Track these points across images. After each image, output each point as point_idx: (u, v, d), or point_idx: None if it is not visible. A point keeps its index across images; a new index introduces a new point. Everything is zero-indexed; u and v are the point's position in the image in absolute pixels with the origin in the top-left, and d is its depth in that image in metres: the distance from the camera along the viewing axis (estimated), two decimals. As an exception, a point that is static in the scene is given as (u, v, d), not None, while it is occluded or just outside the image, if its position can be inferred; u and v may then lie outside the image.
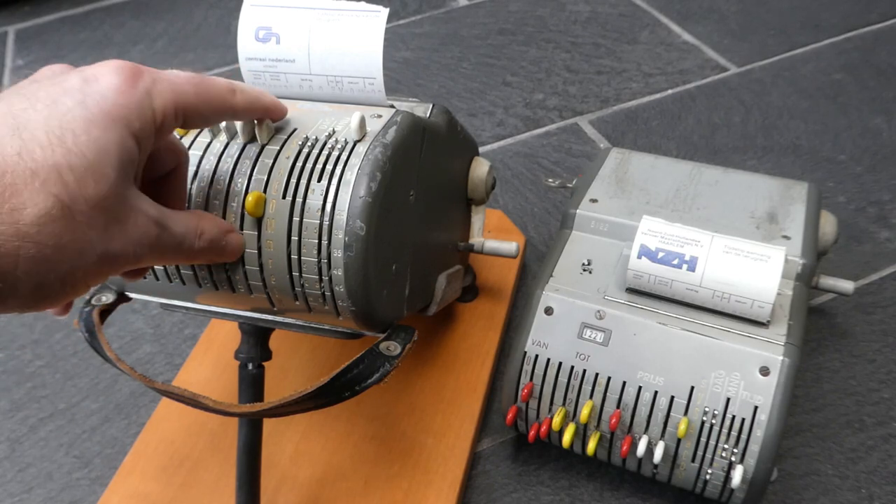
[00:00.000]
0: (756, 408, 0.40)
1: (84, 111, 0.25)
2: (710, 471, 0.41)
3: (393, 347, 0.37)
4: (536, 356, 0.44)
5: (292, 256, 0.35)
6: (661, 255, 0.43)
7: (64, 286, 0.26)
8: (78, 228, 0.25)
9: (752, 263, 0.41)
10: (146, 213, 0.28)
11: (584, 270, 0.46)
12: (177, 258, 0.31)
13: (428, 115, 0.42)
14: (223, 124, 0.37)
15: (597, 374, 0.43)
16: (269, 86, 0.42)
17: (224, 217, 0.36)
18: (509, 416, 0.45)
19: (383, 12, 0.39)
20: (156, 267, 0.38)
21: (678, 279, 0.42)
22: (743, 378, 0.40)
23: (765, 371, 0.40)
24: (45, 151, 0.24)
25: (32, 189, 0.24)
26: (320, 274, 0.35)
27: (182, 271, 0.38)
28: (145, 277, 0.38)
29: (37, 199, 0.24)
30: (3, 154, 0.24)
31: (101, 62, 0.28)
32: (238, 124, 0.38)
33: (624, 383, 0.42)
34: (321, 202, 0.35)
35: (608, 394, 0.42)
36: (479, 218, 0.52)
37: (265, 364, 0.42)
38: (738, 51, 0.86)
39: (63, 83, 0.26)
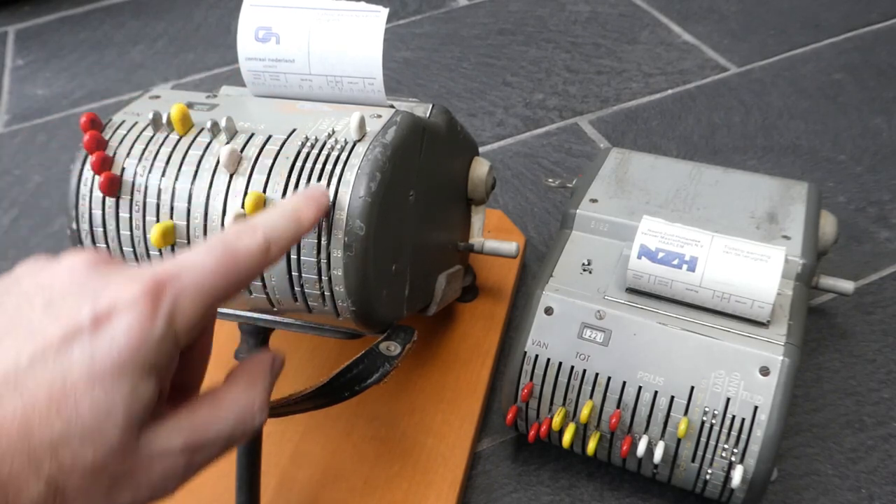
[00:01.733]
0: (756, 408, 0.40)
1: (91, 366, 0.23)
2: (710, 471, 0.41)
3: (393, 347, 0.38)
4: (536, 356, 0.44)
5: (292, 257, 0.35)
6: (661, 255, 0.43)
7: None
8: None
9: (752, 263, 0.41)
10: (168, 450, 0.25)
11: (584, 270, 0.46)
12: (231, 448, 0.28)
13: (428, 115, 0.42)
14: (223, 124, 0.37)
15: (597, 374, 0.43)
16: (268, 86, 0.42)
17: (223, 217, 0.36)
18: (509, 416, 0.45)
19: (383, 12, 0.39)
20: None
21: (678, 279, 0.42)
22: (743, 378, 0.40)
23: (765, 371, 0.40)
24: (42, 426, 0.22)
25: (28, 474, 0.22)
26: (320, 274, 0.35)
27: (182, 271, 0.38)
28: None
29: (31, 485, 0.22)
30: (5, 434, 0.21)
31: (122, 279, 0.24)
32: (239, 125, 0.38)
33: (624, 383, 0.42)
34: (321, 202, 0.35)
35: (608, 394, 0.42)
36: (479, 218, 0.52)
37: (265, 364, 0.42)
38: (738, 51, 0.86)
39: (73, 319, 0.23)
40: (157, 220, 0.37)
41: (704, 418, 0.41)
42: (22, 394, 0.22)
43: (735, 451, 0.40)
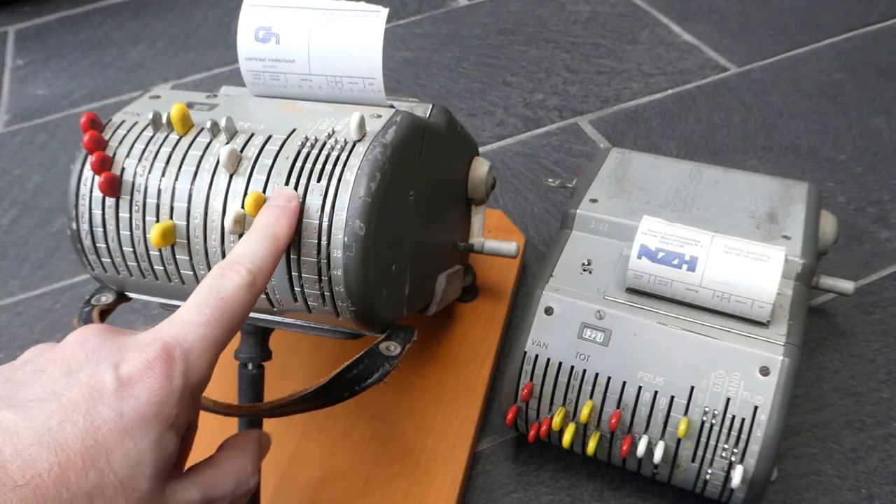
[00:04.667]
0: (756, 408, 0.40)
1: (119, 421, 0.25)
2: (710, 471, 0.41)
3: (393, 347, 0.38)
4: (536, 356, 0.44)
5: (292, 256, 0.35)
6: (661, 255, 0.43)
7: None
8: None
9: (752, 263, 0.41)
10: (190, 501, 0.27)
11: (584, 270, 0.46)
12: None
13: (428, 115, 0.42)
14: (223, 124, 0.37)
15: (597, 374, 0.43)
16: (268, 86, 0.42)
17: (223, 217, 0.36)
18: (509, 416, 0.45)
19: (383, 12, 0.39)
20: (155, 266, 0.38)
21: (678, 279, 0.42)
22: (743, 378, 0.40)
23: (765, 371, 0.40)
24: (79, 478, 0.23)
25: None
26: (320, 274, 0.35)
27: (182, 272, 0.38)
28: None
29: None
30: (41, 489, 0.23)
31: (135, 348, 0.27)
32: (239, 125, 0.38)
33: (624, 383, 0.42)
34: (321, 202, 0.35)
35: (608, 394, 0.42)
36: (479, 218, 0.52)
37: (265, 364, 0.42)
38: (738, 51, 0.86)
39: (98, 384, 0.25)
40: (157, 220, 0.37)
41: (704, 418, 0.41)
42: (56, 451, 0.23)
43: (735, 451, 0.40)
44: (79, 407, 0.25)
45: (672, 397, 0.41)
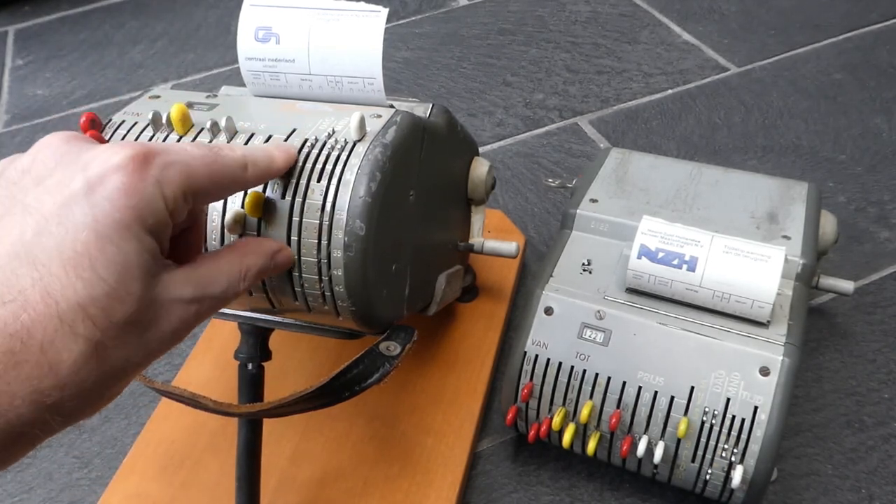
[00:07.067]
0: (756, 408, 0.40)
1: (95, 226, 0.23)
2: (710, 471, 0.41)
3: (393, 347, 0.37)
4: (536, 356, 0.44)
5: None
6: (661, 255, 0.43)
7: (98, 406, 0.25)
8: (112, 356, 0.24)
9: (752, 263, 0.41)
10: (180, 300, 0.26)
11: (584, 270, 0.46)
12: (222, 306, 0.30)
13: (428, 115, 0.42)
14: (223, 124, 0.37)
15: (597, 374, 0.43)
16: (268, 86, 0.42)
17: (223, 217, 0.36)
18: (509, 416, 0.45)
19: (383, 12, 0.39)
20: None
21: (678, 279, 0.42)
22: (743, 378, 0.40)
23: (765, 371, 0.40)
24: (66, 290, 0.23)
25: (63, 336, 0.23)
26: (320, 274, 0.35)
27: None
28: None
29: (70, 345, 0.23)
30: (31, 304, 0.22)
31: (107, 148, 0.25)
32: (239, 125, 0.38)
33: (624, 383, 0.42)
34: (321, 202, 0.35)
35: (608, 394, 0.42)
36: (479, 218, 0.52)
37: (265, 364, 0.42)
38: (738, 51, 0.86)
39: (67, 188, 0.24)
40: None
41: (704, 418, 0.41)
42: (36, 266, 0.23)
43: (735, 451, 0.40)
44: (52, 217, 0.24)
45: (672, 397, 0.41)
